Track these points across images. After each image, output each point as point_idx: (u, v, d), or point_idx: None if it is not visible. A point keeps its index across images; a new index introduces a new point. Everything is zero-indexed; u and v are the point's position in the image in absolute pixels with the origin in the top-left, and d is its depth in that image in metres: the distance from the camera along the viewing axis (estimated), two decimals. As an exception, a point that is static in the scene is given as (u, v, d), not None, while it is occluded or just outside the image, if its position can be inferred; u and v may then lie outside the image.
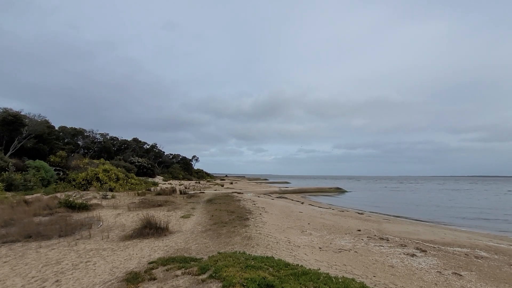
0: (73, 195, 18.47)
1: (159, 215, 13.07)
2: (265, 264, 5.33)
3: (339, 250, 8.52)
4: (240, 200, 20.58)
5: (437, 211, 24.32)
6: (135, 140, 61.03)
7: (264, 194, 33.50)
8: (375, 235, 10.89)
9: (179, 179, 53.41)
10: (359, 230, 11.78)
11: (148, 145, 64.83)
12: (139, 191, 22.98)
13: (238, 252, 6.73)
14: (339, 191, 48.71)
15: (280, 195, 34.56)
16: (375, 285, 5.36)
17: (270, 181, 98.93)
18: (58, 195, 17.96)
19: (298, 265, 5.68)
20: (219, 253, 6.61)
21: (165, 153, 71.35)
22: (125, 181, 26.67)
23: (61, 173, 27.20)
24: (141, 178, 34.48)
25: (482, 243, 10.44)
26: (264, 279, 4.33)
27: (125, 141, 57.20)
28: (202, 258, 6.35)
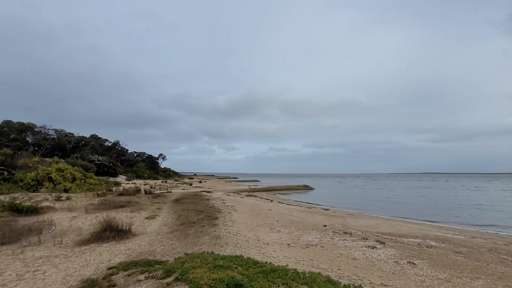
0: (20, 197, 16.56)
1: (121, 216, 12.28)
2: (234, 264, 5.25)
3: (307, 245, 8.76)
4: (209, 199, 20.21)
5: (395, 206, 26.33)
6: (94, 136, 56.70)
7: (234, 192, 33.35)
8: (339, 230, 11.41)
9: (144, 179, 50.88)
10: (325, 226, 12.26)
11: (110, 142, 60.68)
12: (99, 192, 21.38)
13: (206, 252, 6.56)
14: (307, 188, 50.37)
15: (250, 193, 34.68)
16: (339, 278, 5.58)
17: (240, 179, 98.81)
18: (2, 197, 15.95)
19: (267, 262, 5.70)
20: (186, 254, 6.37)
21: (129, 151, 67.45)
22: (83, 181, 24.64)
23: (5, 173, 24.23)
24: (101, 177, 32.14)
25: (432, 234, 11.51)
26: (233, 278, 4.25)
27: (82, 138, 52.84)
28: (167, 260, 6.07)
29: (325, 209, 20.20)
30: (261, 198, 28.33)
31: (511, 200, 31.65)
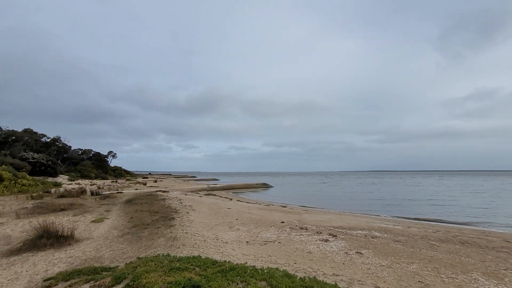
0: None
1: (62, 221, 10.98)
2: (192, 265, 5.07)
3: (265, 242, 8.92)
4: (165, 199, 19.27)
5: (346, 202, 28.46)
6: (29, 131, 49.62)
7: (192, 192, 32.39)
8: (296, 226, 11.88)
9: (91, 178, 46.28)
10: (283, 222, 12.65)
11: (49, 138, 53.77)
12: (34, 194, 18.78)
13: (161, 255, 6.21)
14: (265, 186, 51.44)
15: (209, 192, 34.07)
16: (296, 271, 5.80)
17: (198, 178, 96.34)
18: None
19: (225, 261, 5.63)
20: (138, 258, 5.95)
21: (73, 148, 60.67)
22: (13, 182, 21.39)
23: None
24: (37, 178, 28.27)
25: (376, 225, 12.72)
26: (190, 280, 4.10)
27: (13, 132, 45.78)
28: (117, 266, 5.59)
29: (283, 206, 20.86)
30: (220, 197, 28.04)
31: (440, 194, 36.74)
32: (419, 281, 5.91)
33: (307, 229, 11.23)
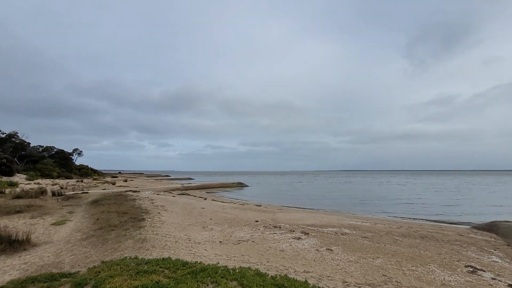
0: None
1: (17, 224, 10.08)
2: (161, 267, 4.90)
3: (238, 241, 8.88)
4: (135, 199, 18.45)
5: (319, 200, 29.33)
6: (-20, 126, 44.80)
7: (165, 191, 31.39)
8: (270, 224, 11.99)
9: (53, 178, 42.96)
10: (257, 221, 12.70)
11: (4, 133, 48.98)
12: (-16, 195, 16.99)
13: (128, 258, 5.93)
14: (241, 186, 51.40)
15: (183, 191, 33.26)
16: (268, 270, 5.84)
17: (172, 177, 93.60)
18: None
19: (197, 262, 5.52)
20: (103, 262, 5.61)
21: (32, 145, 55.86)
22: (-41, 181, 19.15)
23: None
24: (-11, 177, 25.62)
25: (346, 223, 13.25)
26: (158, 283, 3.95)
27: (-39, 127, 41.02)
28: (78, 271, 5.23)
29: (257, 205, 20.97)
30: (195, 196, 27.50)
31: (406, 192, 39.26)
32: (383, 274, 6.25)
33: (280, 227, 11.38)
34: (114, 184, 38.13)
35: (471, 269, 6.79)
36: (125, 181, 49.09)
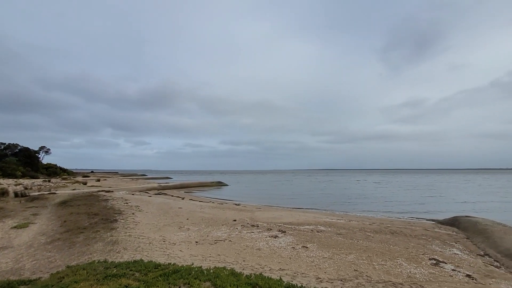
0: None
1: (-29, 228, 9.24)
2: (131, 270, 4.71)
3: (215, 241, 8.79)
4: (108, 199, 17.64)
5: (298, 199, 29.83)
6: None
7: (141, 191, 30.33)
8: (248, 223, 12.00)
9: (16, 177, 39.92)
10: (235, 220, 12.66)
11: (-41, 129, 44.57)
12: None
13: (97, 261, 5.64)
14: (221, 185, 50.99)
15: (160, 191, 32.34)
16: (243, 269, 5.83)
17: (149, 177, 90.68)
18: None
19: (170, 264, 5.37)
20: (68, 267, 5.29)
21: (-8, 142, 51.47)
22: None
23: None
24: None
25: (322, 220, 13.59)
26: (127, 287, 3.80)
27: None
28: (40, 277, 4.90)
29: (236, 204, 20.90)
30: (172, 196, 26.85)
31: (379, 190, 41.07)
32: (354, 269, 6.48)
33: (258, 226, 11.43)
34: (85, 184, 36.20)
35: (434, 262, 7.25)
36: (98, 180, 46.80)
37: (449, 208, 21.48)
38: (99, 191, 24.22)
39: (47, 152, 67.35)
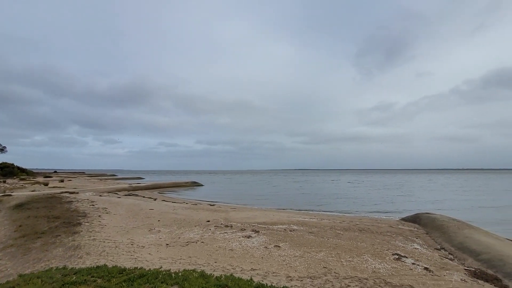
0: None
1: None
2: (93, 276, 4.44)
3: (187, 243, 8.59)
4: (72, 201, 16.51)
5: (273, 198, 30.14)
6: None
7: (109, 192, 28.79)
8: (221, 224, 11.88)
9: (-35, 178, 35.88)
10: (208, 221, 12.47)
11: None
12: None
13: (54, 268, 5.25)
14: (195, 185, 50.02)
15: (130, 192, 30.93)
16: (214, 270, 5.76)
17: (119, 177, 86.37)
18: None
19: (137, 268, 5.15)
20: (20, 275, 4.86)
21: None
22: None
23: None
24: None
25: (295, 220, 13.86)
26: (86, 295, 3.57)
27: None
28: (-14, 289, 4.43)
29: (210, 205, 20.63)
30: (143, 197, 25.82)
31: (352, 190, 42.81)
32: (324, 266, 6.69)
33: (232, 226, 11.36)
34: (46, 185, 33.56)
35: (397, 257, 7.71)
36: (61, 181, 43.64)
37: (413, 206, 23.00)
38: (62, 192, 22.58)
39: (2, 150, 61.50)
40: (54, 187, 31.13)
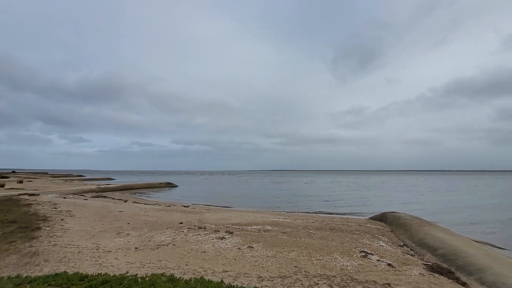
0: None
1: None
2: (50, 284, 4.15)
3: (157, 246, 8.33)
4: (31, 204, 15.28)
5: (250, 199, 30.16)
6: None
7: (75, 194, 27.06)
8: (195, 225, 11.68)
9: None
10: (181, 223, 12.19)
11: None
12: None
13: (6, 277, 4.82)
14: (170, 186, 48.60)
15: (99, 194, 29.31)
16: (184, 274, 5.64)
17: (87, 177, 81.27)
18: None
19: (100, 274, 4.89)
20: (-36, 287, 4.40)
21: None
22: None
23: None
24: None
25: (270, 220, 14.00)
26: (40, 305, 3.33)
27: None
28: None
29: (185, 206, 20.17)
30: (113, 198, 24.59)
31: (326, 190, 44.12)
32: (295, 266, 6.83)
33: (205, 228, 11.21)
34: (2, 186, 30.72)
35: (364, 254, 8.09)
36: (20, 182, 40.22)
37: (383, 205, 24.25)
38: (20, 194, 20.81)
39: (-51, 147, 55.10)
40: (11, 188, 28.60)
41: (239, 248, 8.38)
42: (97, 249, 7.63)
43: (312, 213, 19.72)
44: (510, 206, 23.66)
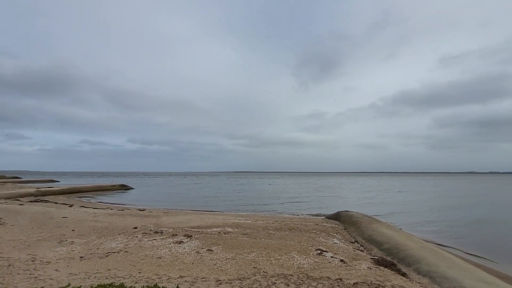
0: None
1: None
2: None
3: (107, 254, 7.67)
4: None
5: (212, 201, 29.54)
6: None
7: (8, 198, 23.63)
8: (151, 230, 11.04)
9: None
10: (136, 228, 11.43)
11: None
12: None
13: None
14: (124, 188, 45.30)
15: (38, 198, 26.00)
16: (136, 282, 5.27)
17: (24, 179, 71.46)
18: None
19: (35, 289, 4.32)
20: None
21: None
22: None
23: None
24: None
25: (230, 222, 13.90)
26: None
27: None
28: None
29: (140, 210, 18.96)
30: (56, 203, 22.04)
31: (288, 191, 45.35)
32: (254, 267, 6.87)
33: (162, 232, 10.67)
34: None
35: (319, 252, 8.50)
36: None
37: (340, 205, 25.82)
38: None
39: None
40: None
41: (198, 251, 8.14)
42: (32, 261, 6.74)
43: (273, 213, 20.12)
44: (450, 206, 27.16)
